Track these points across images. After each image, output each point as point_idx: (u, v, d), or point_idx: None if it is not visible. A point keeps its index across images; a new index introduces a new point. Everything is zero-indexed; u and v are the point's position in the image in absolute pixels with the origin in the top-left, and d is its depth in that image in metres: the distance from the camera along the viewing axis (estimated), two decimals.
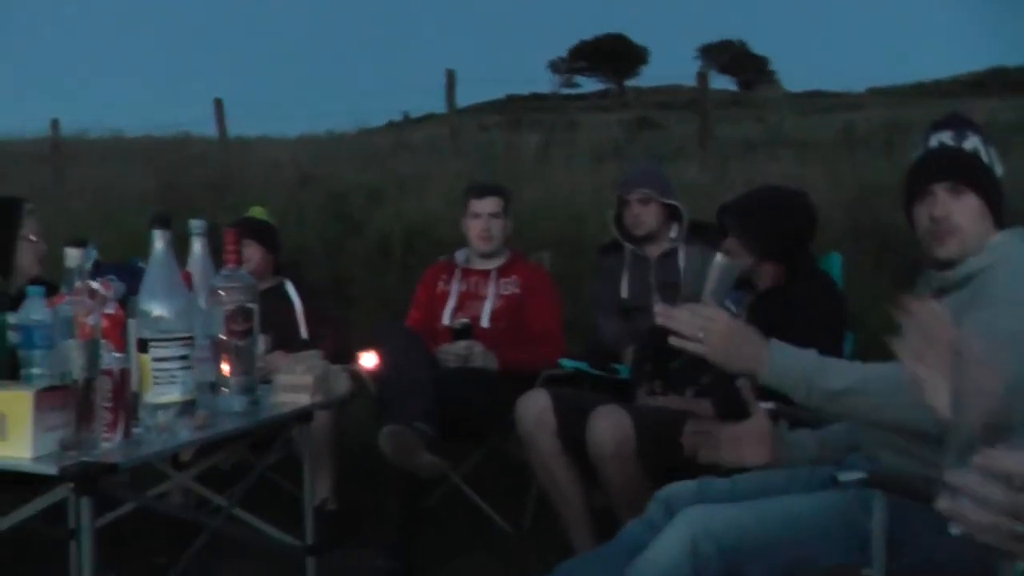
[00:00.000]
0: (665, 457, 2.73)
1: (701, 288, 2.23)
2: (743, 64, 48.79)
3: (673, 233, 4.08)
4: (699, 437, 2.44)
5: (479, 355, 3.85)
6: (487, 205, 4.15)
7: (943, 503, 1.06)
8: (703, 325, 2.02)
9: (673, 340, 2.07)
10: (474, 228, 4.15)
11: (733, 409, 2.47)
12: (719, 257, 2.19)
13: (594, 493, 3.32)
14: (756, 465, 2.41)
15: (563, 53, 55.95)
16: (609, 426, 3.06)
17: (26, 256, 3.45)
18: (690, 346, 2.03)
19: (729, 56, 51.45)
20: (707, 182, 7.62)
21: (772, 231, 3.23)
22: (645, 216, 4.04)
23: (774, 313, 3.14)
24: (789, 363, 2.04)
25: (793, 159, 8.83)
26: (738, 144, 10.34)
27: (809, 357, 2.06)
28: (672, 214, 4.09)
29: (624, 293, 4.10)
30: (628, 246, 4.12)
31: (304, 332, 4.16)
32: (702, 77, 10.42)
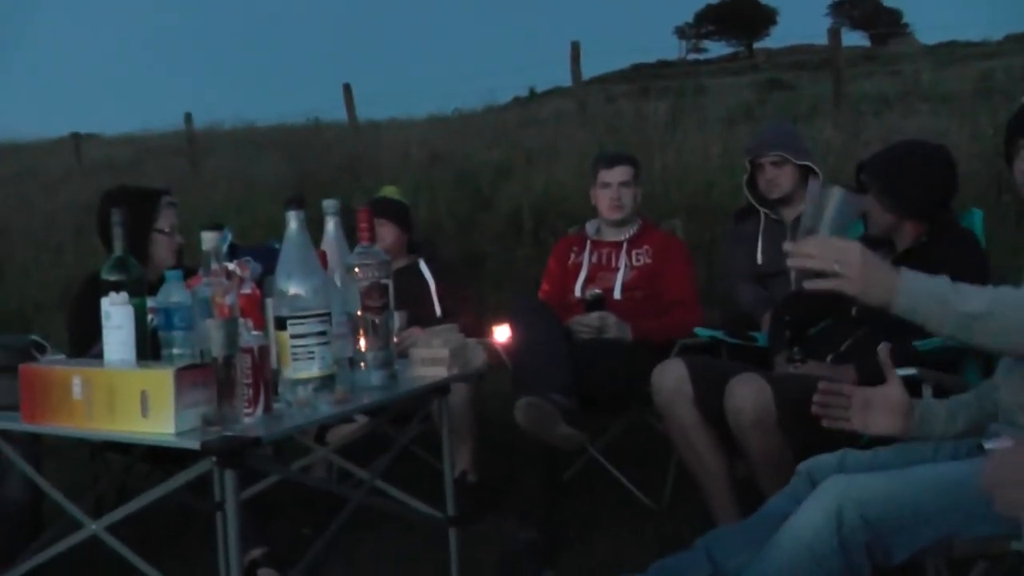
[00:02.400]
0: (806, 426, 2.65)
1: (818, 224, 2.14)
2: (875, 18, 47.33)
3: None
4: (829, 399, 2.35)
5: (613, 326, 3.81)
6: (617, 174, 4.10)
7: None
8: (837, 258, 1.95)
9: (808, 284, 2.01)
10: (604, 198, 4.11)
11: (875, 374, 2.38)
12: (837, 189, 2.10)
13: (736, 464, 3.25)
14: (886, 435, 2.32)
15: (690, 18, 55.24)
16: (749, 395, 2.99)
17: (161, 249, 3.56)
18: (827, 283, 1.96)
19: (861, 11, 50.00)
20: (842, 141, 7.41)
21: (913, 188, 3.12)
22: (780, 179, 3.94)
23: None
24: (923, 288, 1.97)
25: (930, 112, 8.53)
26: (873, 100, 10.03)
27: (942, 282, 1.99)
28: (807, 175, 3.97)
29: (759, 259, 4.01)
30: (763, 210, 4.03)
31: (438, 310, 4.19)
32: (834, 34, 10.09)
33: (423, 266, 4.31)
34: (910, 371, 2.74)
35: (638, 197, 4.15)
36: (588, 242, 4.17)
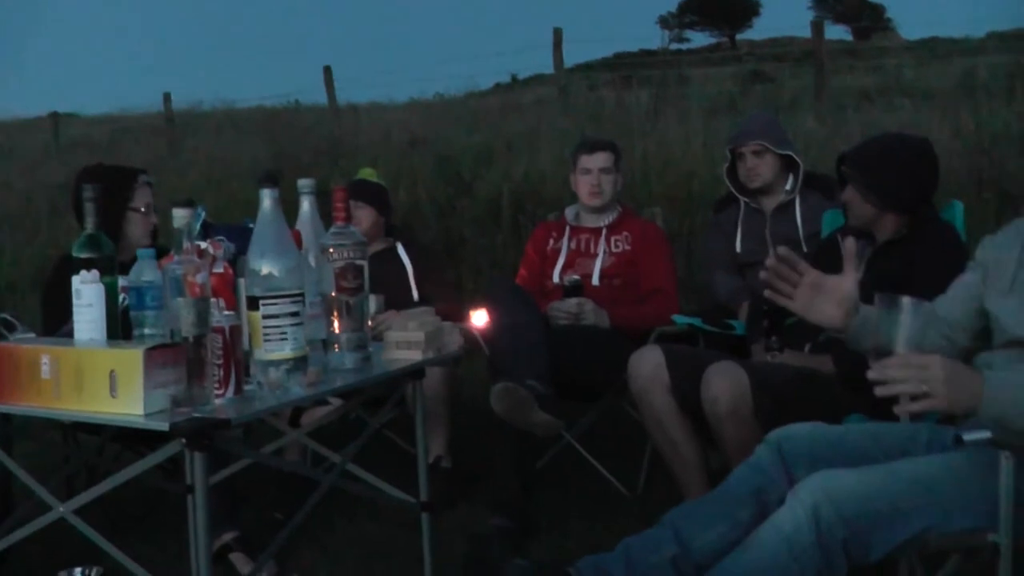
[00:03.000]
0: (783, 415, 2.64)
1: (894, 342, 2.07)
2: (858, 12, 47.31)
3: (788, 185, 3.96)
4: (780, 271, 2.26)
5: (590, 312, 3.80)
6: (597, 160, 4.07)
7: None
8: (921, 378, 1.90)
9: (899, 409, 1.98)
10: (584, 184, 4.09)
11: (853, 365, 2.37)
12: (906, 301, 2.05)
13: (711, 453, 3.25)
14: (823, 323, 2.27)
15: (673, 8, 55.10)
16: (725, 383, 2.98)
17: (135, 228, 3.51)
18: (919, 405, 1.91)
19: (844, 5, 50.04)
20: (823, 134, 7.43)
21: (895, 181, 3.10)
22: (760, 168, 3.93)
23: (895, 266, 3.03)
24: (1008, 394, 1.93)
25: (911, 108, 8.56)
26: (854, 95, 10.05)
27: None
28: (787, 165, 3.96)
29: (739, 248, 4.00)
30: (742, 199, 4.02)
31: (416, 294, 4.16)
32: (816, 27, 10.12)
33: (401, 250, 4.27)
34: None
35: (619, 184, 4.13)
36: (567, 228, 4.14)
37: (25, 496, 2.75)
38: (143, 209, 3.53)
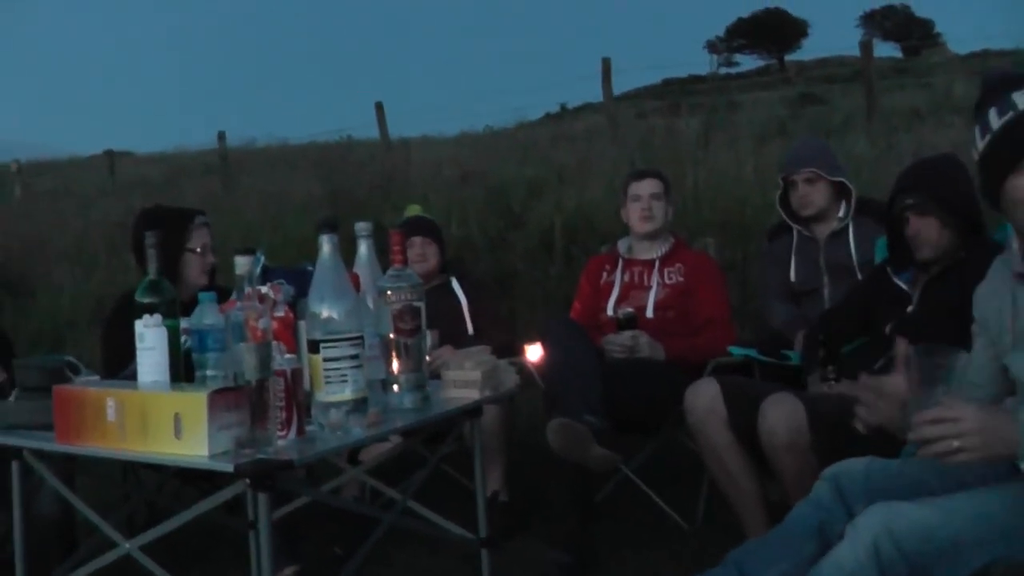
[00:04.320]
0: (840, 447, 2.62)
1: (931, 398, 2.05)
2: (907, 29, 46.93)
3: (841, 211, 3.94)
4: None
5: (645, 345, 3.80)
6: (646, 186, 4.10)
7: None
8: (956, 431, 1.87)
9: (945, 462, 1.91)
10: (634, 211, 4.10)
11: None
12: (963, 356, 2.02)
13: (769, 484, 3.23)
14: (888, 429, 2.21)
15: (721, 32, 55.10)
16: (782, 415, 2.97)
17: (192, 268, 3.59)
18: (957, 460, 1.88)
19: (892, 22, 49.66)
20: (875, 156, 7.36)
21: (959, 202, 3.07)
22: (812, 196, 3.91)
23: (950, 293, 2.99)
24: None
25: (963, 126, 8.44)
26: (905, 114, 9.97)
27: None
28: (840, 191, 3.94)
29: (793, 277, 3.98)
30: (796, 228, 4.00)
31: (470, 328, 4.19)
32: (866, 47, 10.05)
33: (455, 284, 4.31)
34: None
35: (670, 213, 4.13)
36: (620, 260, 4.15)
37: (87, 531, 2.81)
38: (199, 250, 3.61)
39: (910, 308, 3.18)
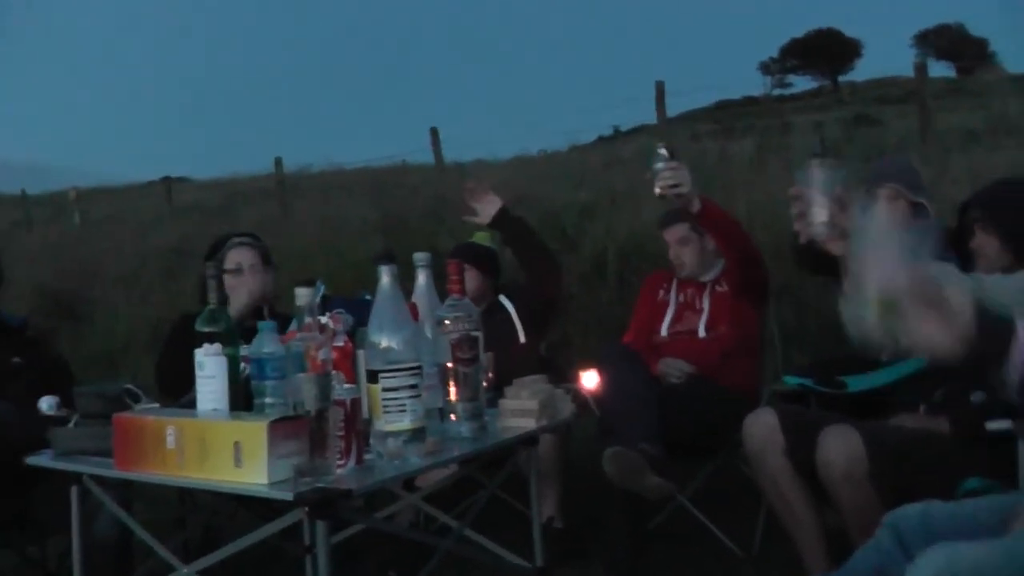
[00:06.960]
0: (899, 478, 2.59)
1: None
2: (961, 48, 46.31)
3: None
4: None
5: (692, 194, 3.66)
6: (673, 233, 4.14)
7: None
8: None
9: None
10: (671, 255, 4.15)
11: (969, 426, 2.32)
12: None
13: (827, 512, 3.19)
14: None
15: (774, 53, 54.85)
16: (840, 446, 2.93)
17: (232, 289, 3.60)
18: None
19: (947, 41, 49.07)
20: (929, 177, 7.26)
21: (1020, 231, 3.02)
22: (893, 212, 3.80)
23: None
24: None
25: (1018, 147, 8.32)
26: (959, 135, 9.83)
27: None
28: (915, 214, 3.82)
29: None
30: None
31: (522, 336, 4.17)
32: (920, 67, 9.97)
33: (503, 299, 4.30)
34: (1004, 424, 2.67)
35: (708, 246, 4.11)
36: (675, 280, 4.17)
37: (143, 555, 2.84)
38: (233, 267, 3.64)
39: None
